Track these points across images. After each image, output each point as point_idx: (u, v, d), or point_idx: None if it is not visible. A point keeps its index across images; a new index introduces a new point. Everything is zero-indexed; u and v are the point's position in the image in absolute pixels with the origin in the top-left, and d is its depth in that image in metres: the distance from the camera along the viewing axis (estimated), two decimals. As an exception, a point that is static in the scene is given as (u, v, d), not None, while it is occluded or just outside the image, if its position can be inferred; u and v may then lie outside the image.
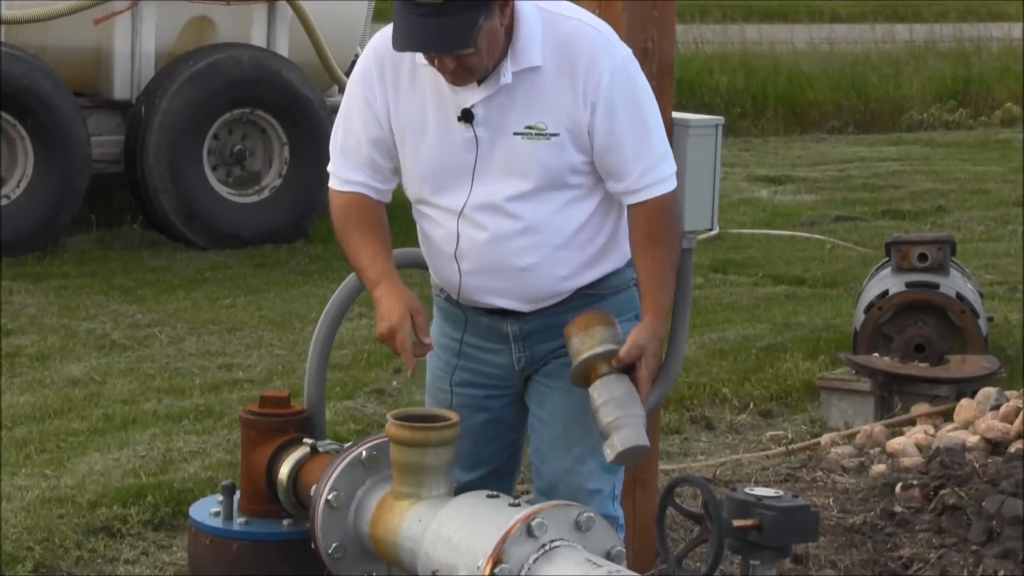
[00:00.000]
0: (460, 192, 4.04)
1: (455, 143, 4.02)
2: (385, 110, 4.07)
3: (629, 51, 4.04)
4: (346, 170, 4.16)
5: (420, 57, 3.97)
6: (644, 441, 3.88)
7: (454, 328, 4.25)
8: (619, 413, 3.89)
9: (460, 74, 3.90)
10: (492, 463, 4.32)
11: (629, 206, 4.08)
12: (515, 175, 4.01)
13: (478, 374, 4.24)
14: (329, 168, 4.21)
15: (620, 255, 4.19)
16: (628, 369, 3.97)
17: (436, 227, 4.12)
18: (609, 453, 3.90)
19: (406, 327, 4.01)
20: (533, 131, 3.98)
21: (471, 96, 3.97)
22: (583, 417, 4.11)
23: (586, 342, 3.97)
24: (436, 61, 3.88)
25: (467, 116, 3.98)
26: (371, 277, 4.10)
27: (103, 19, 11.24)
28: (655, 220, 4.06)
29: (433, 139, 4.04)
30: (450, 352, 4.25)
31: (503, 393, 4.27)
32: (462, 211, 4.05)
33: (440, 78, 3.95)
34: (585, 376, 3.99)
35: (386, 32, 4.03)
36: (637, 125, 4.01)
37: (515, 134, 3.98)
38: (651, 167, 4.03)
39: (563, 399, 4.16)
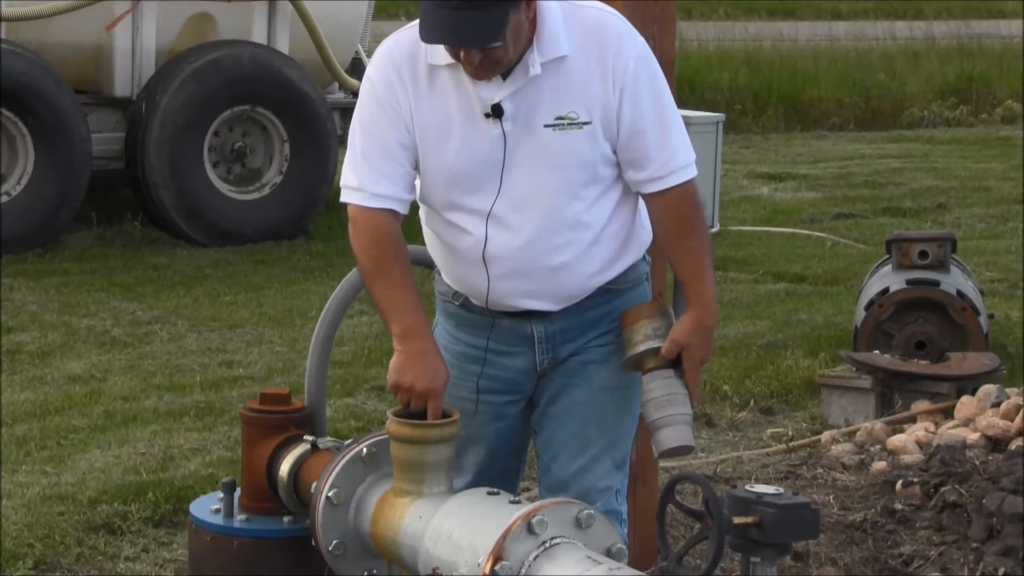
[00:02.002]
0: (488, 192, 3.97)
1: (482, 140, 3.93)
2: (409, 112, 3.95)
3: (644, 40, 4.03)
4: (374, 181, 3.97)
5: (438, 58, 3.91)
6: (680, 442, 4.01)
7: (473, 334, 4.17)
8: (658, 415, 4.02)
9: (484, 67, 3.84)
10: (500, 466, 4.29)
11: (651, 196, 4.03)
12: (547, 170, 3.94)
13: (496, 380, 4.19)
14: (348, 182, 4.01)
15: (639, 247, 4.17)
16: (676, 361, 4.03)
17: (460, 233, 4.03)
18: (654, 450, 4.05)
19: (443, 394, 3.98)
20: (565, 121, 3.91)
21: (498, 92, 3.90)
22: (599, 415, 4.12)
23: (632, 338, 4.05)
24: (461, 54, 3.83)
25: (496, 112, 3.90)
26: (410, 326, 3.98)
27: (113, 24, 11.26)
28: (682, 209, 4.03)
29: (459, 138, 3.94)
30: (467, 359, 4.17)
31: (519, 398, 4.23)
32: (490, 212, 3.97)
33: (462, 76, 3.89)
34: (636, 369, 4.08)
35: (398, 38, 3.99)
36: (659, 112, 3.98)
37: (545, 127, 3.92)
38: (673, 154, 4.00)
39: (580, 397, 4.14)
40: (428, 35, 3.80)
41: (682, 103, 4.14)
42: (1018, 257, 11.06)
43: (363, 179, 4.00)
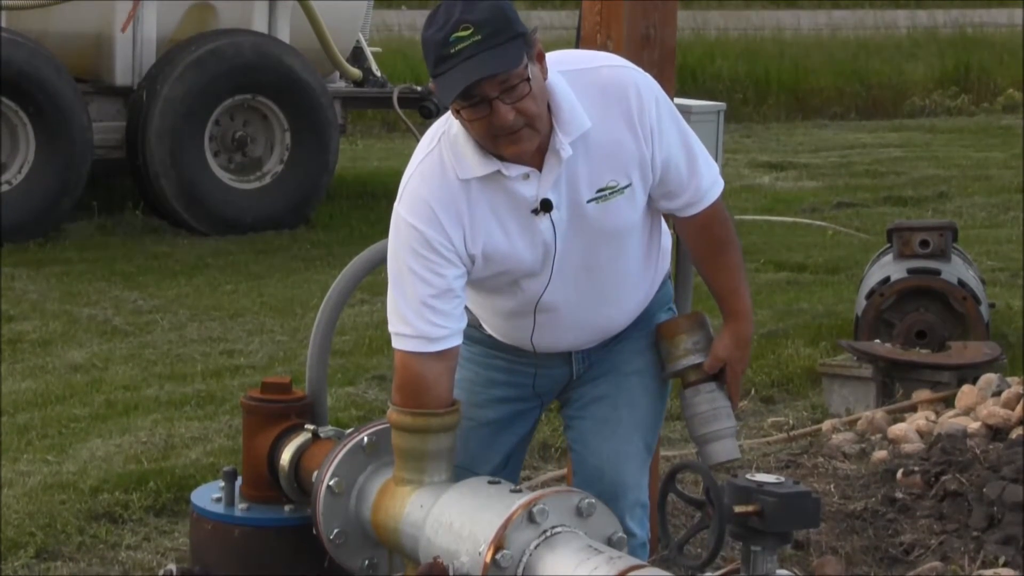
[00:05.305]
0: (542, 272, 3.94)
1: (534, 235, 3.88)
2: (462, 242, 3.83)
3: (650, 76, 3.97)
4: (434, 325, 3.83)
5: (466, 171, 3.79)
6: (728, 456, 4.16)
7: (504, 351, 4.18)
8: (704, 429, 4.13)
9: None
10: (514, 464, 4.33)
11: (682, 219, 4.05)
12: (596, 239, 3.92)
13: (524, 388, 4.22)
14: (402, 330, 3.86)
15: (666, 257, 4.21)
16: (717, 372, 4.13)
17: (509, 301, 4.02)
18: (702, 462, 4.17)
19: None
20: (607, 191, 3.86)
21: (538, 186, 3.82)
22: (629, 398, 4.16)
23: (672, 352, 4.14)
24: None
25: (546, 206, 3.84)
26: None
27: (127, 24, 11.29)
28: (714, 227, 4.06)
29: (512, 240, 3.87)
30: (493, 368, 4.19)
31: (545, 401, 4.28)
32: (546, 287, 3.95)
33: (497, 182, 3.80)
34: (678, 379, 4.18)
35: (420, 174, 3.84)
36: (684, 141, 3.96)
37: (589, 202, 3.87)
38: (703, 178, 3.99)
39: (610, 385, 4.17)
40: (449, 91, 3.64)
41: (683, 92, 4.12)
42: (1019, 246, 11.06)
43: (422, 327, 3.85)
